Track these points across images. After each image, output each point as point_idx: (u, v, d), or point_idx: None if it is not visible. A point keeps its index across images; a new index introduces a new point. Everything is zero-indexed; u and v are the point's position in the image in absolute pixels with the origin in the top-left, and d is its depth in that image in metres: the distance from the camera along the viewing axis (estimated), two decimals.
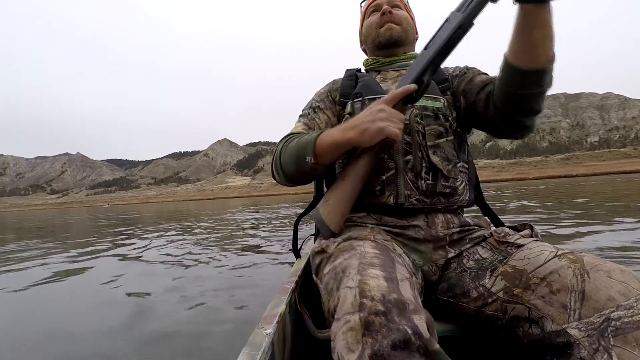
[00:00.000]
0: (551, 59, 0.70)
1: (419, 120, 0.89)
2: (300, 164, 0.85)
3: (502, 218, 1.01)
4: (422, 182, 0.86)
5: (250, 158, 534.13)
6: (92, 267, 3.72)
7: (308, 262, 1.26)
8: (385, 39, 1.03)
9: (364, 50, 1.17)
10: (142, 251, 4.63)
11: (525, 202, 9.10)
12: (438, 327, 0.75)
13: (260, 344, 0.62)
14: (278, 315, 0.74)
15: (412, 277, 0.64)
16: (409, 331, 0.47)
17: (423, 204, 0.86)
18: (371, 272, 0.59)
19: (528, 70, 0.71)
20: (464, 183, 0.91)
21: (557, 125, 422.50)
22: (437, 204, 0.87)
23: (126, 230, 8.12)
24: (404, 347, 0.46)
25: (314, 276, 0.81)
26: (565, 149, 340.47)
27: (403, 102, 0.78)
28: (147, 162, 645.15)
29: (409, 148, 0.88)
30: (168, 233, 6.80)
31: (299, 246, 1.31)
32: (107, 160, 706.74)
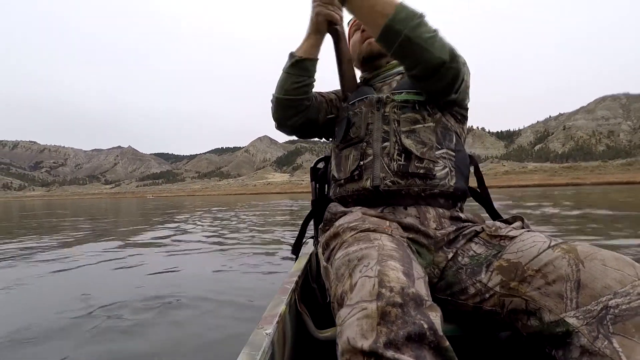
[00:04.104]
0: (389, 15, 0.80)
1: (395, 110, 0.95)
2: (286, 68, 1.03)
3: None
4: (395, 163, 0.90)
5: (289, 155, 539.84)
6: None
7: (308, 262, 1.23)
8: (367, 53, 1.11)
9: None
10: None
11: None
12: None
13: (260, 344, 0.61)
14: (278, 315, 0.74)
15: (425, 276, 0.65)
16: (425, 326, 0.48)
17: (398, 186, 0.89)
18: (391, 263, 0.59)
19: (380, 35, 0.82)
20: (446, 169, 0.91)
21: (616, 128, 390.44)
22: (413, 186, 0.89)
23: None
24: (417, 340, 0.47)
25: (323, 262, 0.81)
26: (626, 154, 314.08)
27: None
28: (191, 157, 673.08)
29: (387, 136, 0.93)
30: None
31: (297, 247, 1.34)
32: (155, 154, 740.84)
